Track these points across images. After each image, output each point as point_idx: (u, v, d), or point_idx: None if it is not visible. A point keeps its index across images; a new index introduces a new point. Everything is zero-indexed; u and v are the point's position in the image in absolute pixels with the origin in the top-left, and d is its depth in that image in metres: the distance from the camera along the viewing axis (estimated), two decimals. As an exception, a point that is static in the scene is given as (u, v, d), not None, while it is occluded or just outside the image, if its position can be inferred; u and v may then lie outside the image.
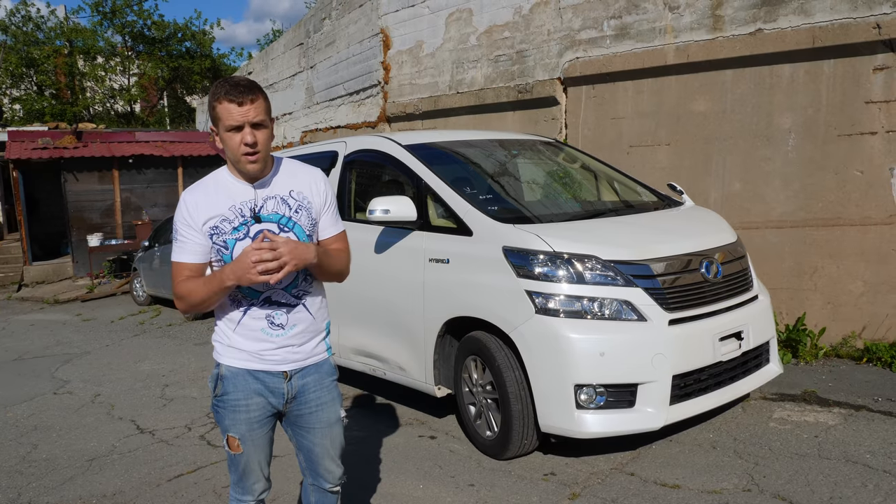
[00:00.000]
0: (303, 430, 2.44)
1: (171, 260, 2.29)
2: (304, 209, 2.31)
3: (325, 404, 2.42)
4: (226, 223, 2.23)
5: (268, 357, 2.31)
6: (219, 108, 2.15)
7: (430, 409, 4.81)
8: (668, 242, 3.85)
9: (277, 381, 2.33)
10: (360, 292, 4.64)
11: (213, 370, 2.38)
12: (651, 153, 6.55)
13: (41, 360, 7.60)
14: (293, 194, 2.30)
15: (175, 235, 2.27)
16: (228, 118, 2.14)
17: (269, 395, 2.34)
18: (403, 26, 9.36)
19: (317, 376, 2.40)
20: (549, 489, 3.53)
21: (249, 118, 2.14)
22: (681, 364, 3.59)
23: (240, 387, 2.32)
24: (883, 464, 3.52)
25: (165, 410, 5.40)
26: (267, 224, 2.25)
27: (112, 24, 25.33)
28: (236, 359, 2.32)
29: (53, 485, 4.08)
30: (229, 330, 2.32)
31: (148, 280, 11.10)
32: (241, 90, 2.13)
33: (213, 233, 2.23)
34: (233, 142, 2.16)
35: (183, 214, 2.24)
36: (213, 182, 2.29)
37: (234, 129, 2.15)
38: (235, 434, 2.33)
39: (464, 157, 4.92)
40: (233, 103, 2.12)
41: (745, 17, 5.76)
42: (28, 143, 15.08)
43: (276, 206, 2.27)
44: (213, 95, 2.17)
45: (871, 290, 5.30)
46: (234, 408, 2.32)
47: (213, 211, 2.23)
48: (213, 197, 2.25)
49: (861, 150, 5.29)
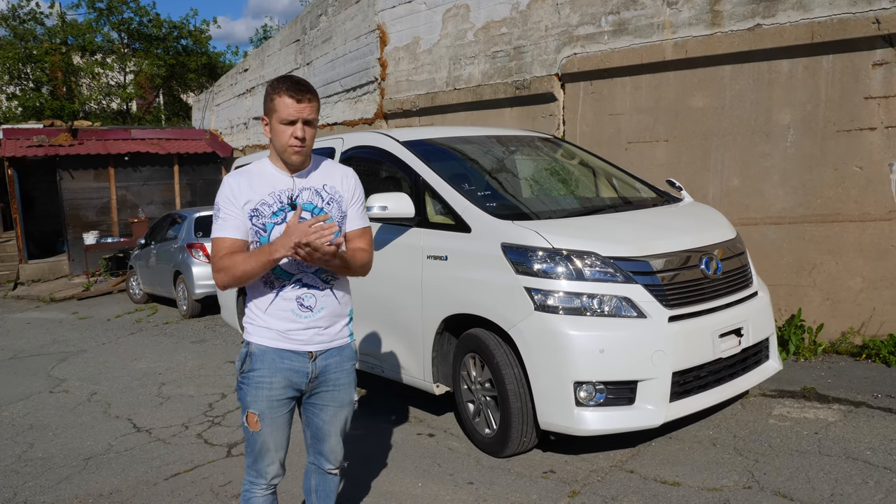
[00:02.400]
0: (316, 409, 2.58)
1: (212, 237, 2.43)
2: (335, 202, 2.50)
3: (342, 386, 2.57)
4: (265, 207, 2.40)
5: (295, 337, 2.45)
6: (277, 100, 2.33)
7: (429, 407, 4.79)
8: (667, 239, 3.84)
9: (303, 360, 2.47)
10: (358, 289, 4.60)
11: (241, 349, 2.51)
12: (649, 149, 6.53)
13: (37, 359, 7.56)
14: (326, 188, 2.50)
15: (217, 214, 2.42)
16: (285, 111, 2.33)
17: (294, 375, 2.47)
18: (400, 22, 9.33)
19: (339, 359, 2.56)
20: (548, 487, 3.51)
21: (304, 115, 2.34)
22: (681, 361, 3.57)
23: (266, 363, 2.44)
24: (883, 460, 3.51)
25: (162, 409, 5.37)
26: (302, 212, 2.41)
27: (108, 21, 25.22)
28: (266, 338, 2.45)
29: (50, 484, 4.06)
30: (261, 311, 2.46)
31: (144, 278, 11.06)
32: (301, 88, 2.33)
33: (254, 214, 2.40)
34: (284, 133, 2.35)
35: (226, 193, 2.41)
36: (256, 170, 2.47)
37: (289, 123, 2.34)
38: (255, 410, 2.45)
39: (462, 153, 4.89)
40: (292, 99, 2.32)
41: (744, 13, 5.74)
42: (23, 140, 15.01)
43: (310, 196, 2.46)
44: (273, 88, 2.36)
45: (869, 286, 5.29)
46: (258, 384, 2.44)
47: (254, 195, 2.40)
48: (255, 182, 2.42)
49: (860, 146, 5.28)
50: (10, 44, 23.85)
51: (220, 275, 2.38)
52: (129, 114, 26.67)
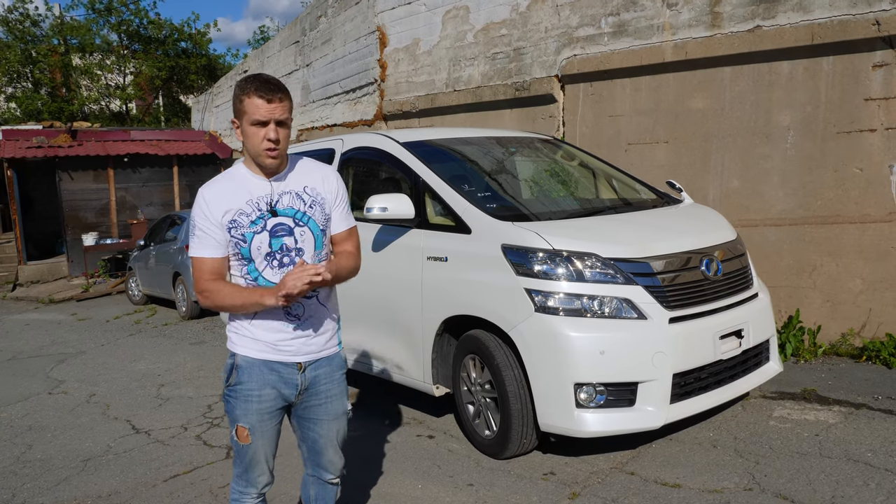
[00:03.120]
0: (310, 423, 2.49)
1: (191, 255, 2.34)
2: (318, 204, 2.40)
3: (334, 397, 2.49)
4: (243, 216, 2.30)
5: (283, 347, 2.36)
6: (247, 101, 2.21)
7: (429, 409, 4.78)
8: (667, 240, 3.83)
9: (292, 371, 2.39)
10: (358, 291, 4.60)
11: (228, 360, 2.42)
12: (649, 151, 6.53)
13: (36, 360, 7.55)
14: (307, 190, 2.39)
15: (193, 231, 2.33)
16: (256, 113, 2.21)
17: (283, 386, 2.39)
18: (400, 24, 9.33)
19: (328, 369, 2.47)
20: (548, 489, 3.50)
21: (276, 115, 2.22)
22: (681, 362, 3.56)
23: (254, 377, 2.36)
24: (884, 462, 3.50)
25: (161, 410, 5.36)
26: (283, 218, 2.33)
27: (108, 22, 25.22)
28: (252, 349, 2.37)
29: (48, 485, 4.04)
30: (246, 321, 2.37)
31: (143, 279, 11.05)
32: (271, 87, 2.22)
33: (232, 226, 2.29)
34: (257, 136, 2.24)
35: (202, 209, 2.30)
36: (230, 177, 2.37)
37: (260, 124, 2.23)
38: (245, 424, 2.38)
39: (462, 154, 4.88)
40: (262, 99, 2.20)
41: (744, 14, 5.74)
42: (23, 141, 15.01)
43: (291, 200, 2.35)
44: (241, 89, 2.24)
45: (870, 287, 5.29)
46: (247, 398, 2.37)
47: (230, 205, 2.29)
48: (230, 191, 2.32)
49: (860, 148, 5.27)
50: (8, 46, 23.84)
51: (203, 298, 2.32)
52: (128, 115, 26.67)
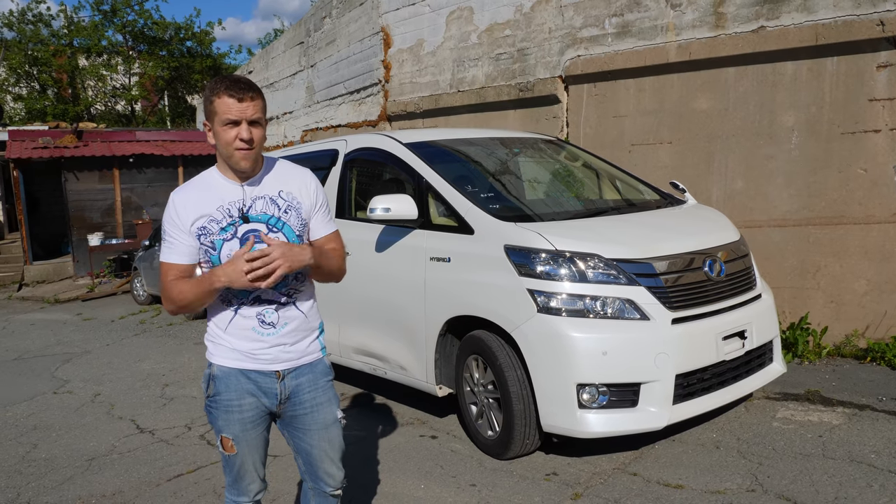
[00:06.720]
0: (299, 433, 2.39)
1: (160, 260, 2.28)
2: (294, 210, 2.29)
3: (321, 405, 2.38)
4: (213, 224, 2.21)
5: (260, 356, 2.28)
6: (217, 102, 2.14)
7: (431, 409, 4.79)
8: (670, 241, 3.83)
9: (270, 380, 2.30)
10: (361, 291, 4.62)
11: (206, 370, 2.35)
12: (653, 151, 6.52)
13: (41, 360, 7.58)
14: (283, 194, 2.28)
15: (163, 236, 2.27)
16: (227, 112, 2.13)
17: (262, 396, 2.31)
18: (404, 24, 9.33)
19: (311, 376, 2.36)
20: (551, 489, 3.50)
21: (248, 115, 2.15)
22: (684, 363, 3.56)
23: (232, 387, 2.28)
24: (888, 464, 3.49)
25: (165, 410, 5.38)
26: (255, 225, 2.23)
27: (112, 24, 25.32)
28: (228, 358, 2.29)
29: (53, 484, 4.06)
30: (220, 330, 2.29)
31: (148, 279, 11.08)
32: (241, 87, 2.14)
33: (201, 233, 2.21)
34: (228, 136, 2.16)
35: (171, 215, 2.24)
36: (201, 181, 2.29)
37: (231, 124, 2.15)
38: (229, 435, 2.31)
39: (465, 155, 4.89)
40: (233, 98, 2.13)
41: (748, 15, 5.73)
42: (29, 142, 15.07)
43: (265, 206, 2.25)
44: (211, 90, 2.17)
45: (874, 288, 5.27)
46: (227, 408, 2.29)
47: (201, 211, 2.22)
48: (201, 196, 2.24)
49: (864, 148, 5.26)
50: (17, 46, 23.96)
51: (169, 304, 2.26)
52: (133, 115, 26.76)
